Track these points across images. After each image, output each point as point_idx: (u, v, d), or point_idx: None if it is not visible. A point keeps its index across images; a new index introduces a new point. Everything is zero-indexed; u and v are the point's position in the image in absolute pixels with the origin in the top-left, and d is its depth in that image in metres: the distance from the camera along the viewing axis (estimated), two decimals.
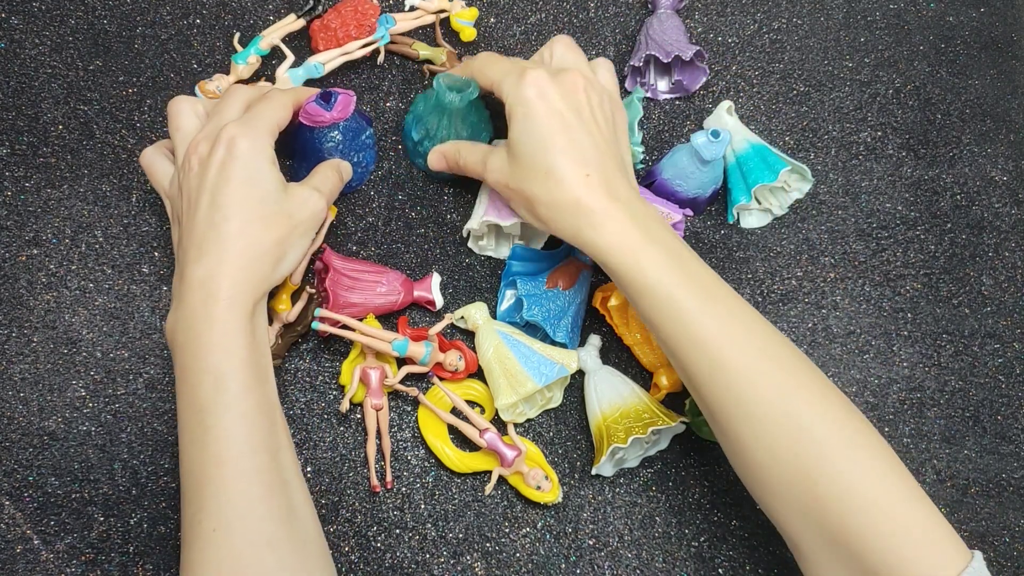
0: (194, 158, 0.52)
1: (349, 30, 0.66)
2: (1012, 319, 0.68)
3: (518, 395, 0.58)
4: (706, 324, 0.49)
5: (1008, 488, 0.64)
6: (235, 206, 0.51)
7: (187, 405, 0.49)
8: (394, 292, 0.61)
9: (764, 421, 0.47)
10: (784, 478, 0.47)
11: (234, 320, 0.49)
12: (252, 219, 0.51)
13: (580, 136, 0.53)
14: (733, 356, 0.48)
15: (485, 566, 0.59)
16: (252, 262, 0.51)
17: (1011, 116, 0.74)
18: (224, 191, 0.51)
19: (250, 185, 0.51)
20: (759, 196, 0.68)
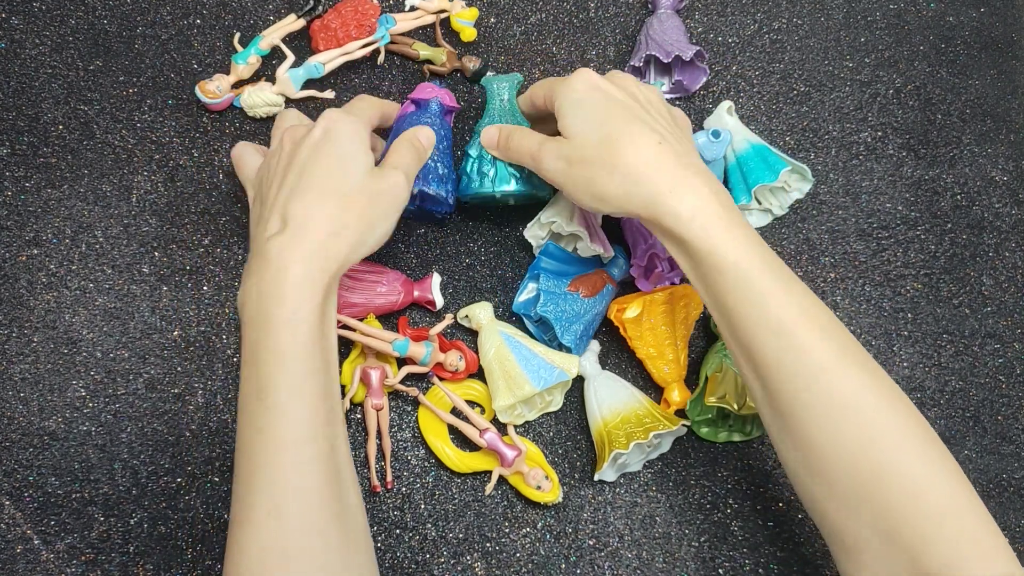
0: (287, 140, 0.53)
1: (349, 30, 0.66)
2: (1012, 319, 0.68)
3: (515, 397, 0.58)
4: (789, 310, 0.47)
5: (1008, 488, 0.64)
6: (318, 182, 0.50)
7: (249, 382, 0.48)
8: (394, 292, 0.61)
9: (840, 415, 0.46)
10: (847, 471, 0.46)
11: (304, 299, 0.48)
12: (331, 196, 0.50)
13: (642, 114, 0.52)
14: (814, 344, 0.47)
15: (485, 566, 0.59)
16: (327, 240, 0.49)
17: (1011, 116, 0.74)
18: (313, 168, 0.51)
19: (339, 164, 0.51)
20: (759, 196, 0.68)
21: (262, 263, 0.49)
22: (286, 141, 0.53)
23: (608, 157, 0.50)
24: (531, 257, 0.65)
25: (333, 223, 0.49)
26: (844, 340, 0.48)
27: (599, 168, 0.51)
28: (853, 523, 0.46)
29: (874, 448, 0.45)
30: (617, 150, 0.50)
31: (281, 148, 0.53)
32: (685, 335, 0.63)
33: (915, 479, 0.45)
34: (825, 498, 0.47)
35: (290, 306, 0.47)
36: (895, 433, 0.46)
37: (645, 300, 0.62)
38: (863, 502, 0.45)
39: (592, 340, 0.63)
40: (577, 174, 0.52)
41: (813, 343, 0.47)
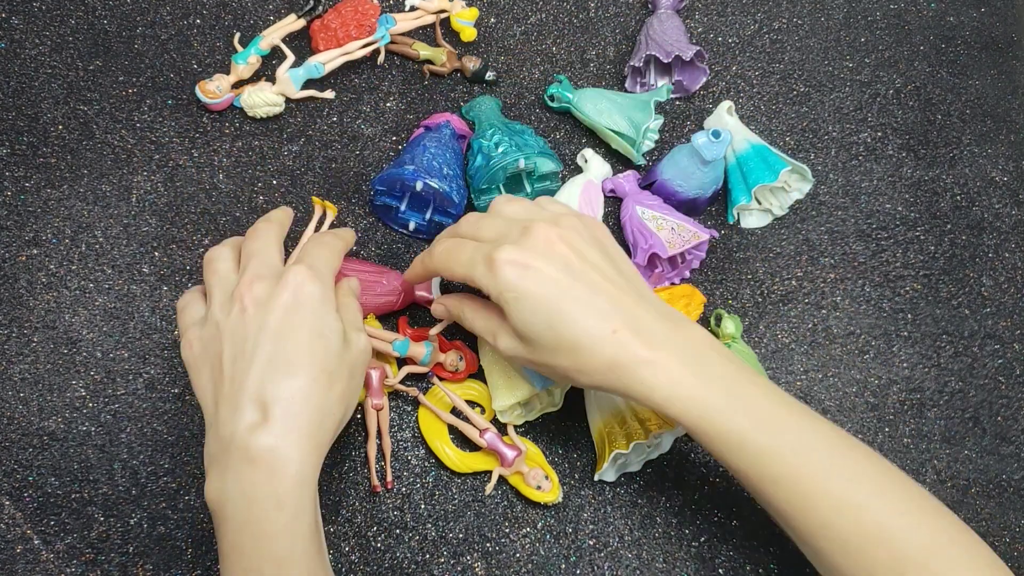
0: (248, 298, 0.47)
1: (349, 30, 0.66)
2: (1012, 320, 0.68)
3: (515, 398, 0.58)
4: (785, 460, 0.45)
5: (1008, 489, 0.64)
6: (303, 360, 0.46)
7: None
8: (394, 292, 0.61)
9: (862, 551, 0.45)
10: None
11: (303, 500, 0.44)
12: (319, 376, 0.46)
13: (584, 293, 0.46)
14: (820, 487, 0.45)
15: (485, 566, 0.59)
16: (320, 428, 0.46)
17: (1011, 116, 0.74)
18: (291, 342, 0.46)
19: (318, 336, 0.46)
20: (759, 196, 0.68)
21: (243, 459, 0.43)
22: (247, 300, 0.47)
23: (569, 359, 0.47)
24: None
25: (322, 410, 0.46)
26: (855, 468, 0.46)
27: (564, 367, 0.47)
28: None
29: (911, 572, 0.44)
30: (574, 355, 0.46)
31: (242, 308, 0.47)
32: None
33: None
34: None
35: (290, 512, 0.44)
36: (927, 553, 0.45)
37: None
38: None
39: None
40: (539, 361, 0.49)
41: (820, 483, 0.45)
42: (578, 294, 0.46)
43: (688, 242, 0.61)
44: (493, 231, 0.50)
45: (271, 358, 0.45)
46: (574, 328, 0.46)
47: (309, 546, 0.45)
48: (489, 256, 0.47)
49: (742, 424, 0.45)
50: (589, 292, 0.46)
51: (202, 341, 0.48)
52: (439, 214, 0.63)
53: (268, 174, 0.66)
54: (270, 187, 0.65)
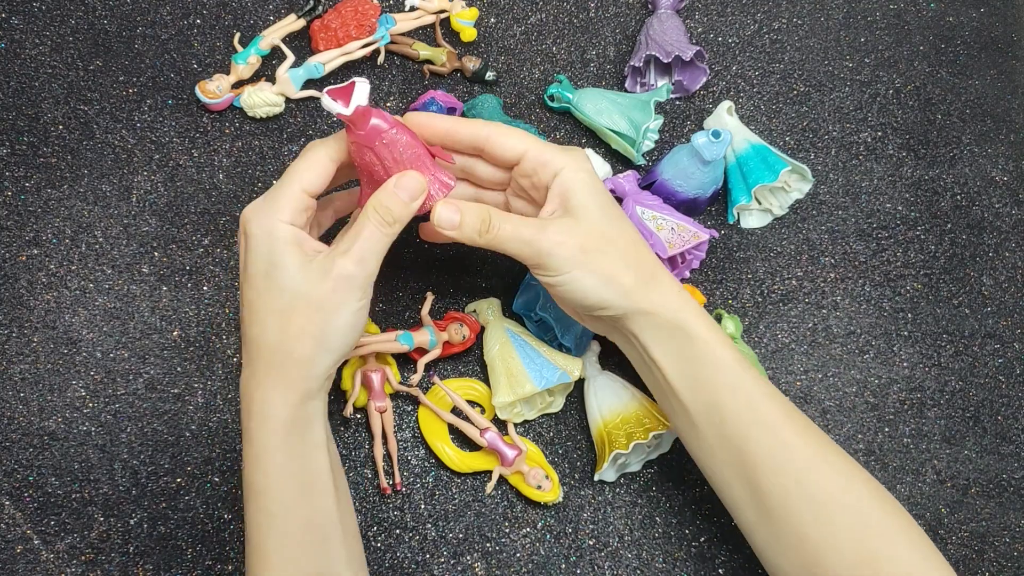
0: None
1: (349, 30, 0.66)
2: (1012, 319, 0.68)
3: (516, 395, 0.58)
4: (775, 408, 0.49)
5: (1008, 488, 0.64)
6: (255, 303, 0.47)
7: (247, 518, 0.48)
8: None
9: (827, 505, 0.47)
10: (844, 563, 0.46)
11: (267, 435, 0.46)
12: (270, 316, 0.46)
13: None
14: (800, 440, 0.48)
15: (485, 566, 0.59)
16: (278, 367, 0.47)
17: (1011, 116, 0.74)
18: (244, 287, 0.48)
19: (267, 277, 0.47)
20: (759, 196, 0.68)
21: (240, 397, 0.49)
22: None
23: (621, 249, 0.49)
24: None
25: (278, 350, 0.46)
26: (823, 437, 0.50)
27: (612, 259, 0.49)
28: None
29: (868, 539, 0.46)
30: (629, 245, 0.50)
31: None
32: None
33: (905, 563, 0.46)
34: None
35: (257, 446, 0.47)
36: (884, 523, 0.47)
37: None
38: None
39: (592, 341, 0.63)
40: (587, 261, 0.48)
41: (798, 439, 0.48)
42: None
43: (688, 242, 0.61)
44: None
45: (241, 305, 0.49)
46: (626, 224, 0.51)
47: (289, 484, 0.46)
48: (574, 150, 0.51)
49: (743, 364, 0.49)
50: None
51: None
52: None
53: (268, 174, 0.66)
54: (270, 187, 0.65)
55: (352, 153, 0.48)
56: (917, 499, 0.63)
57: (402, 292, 0.64)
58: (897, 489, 0.63)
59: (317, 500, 0.48)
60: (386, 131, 0.47)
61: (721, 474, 0.50)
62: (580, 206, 0.49)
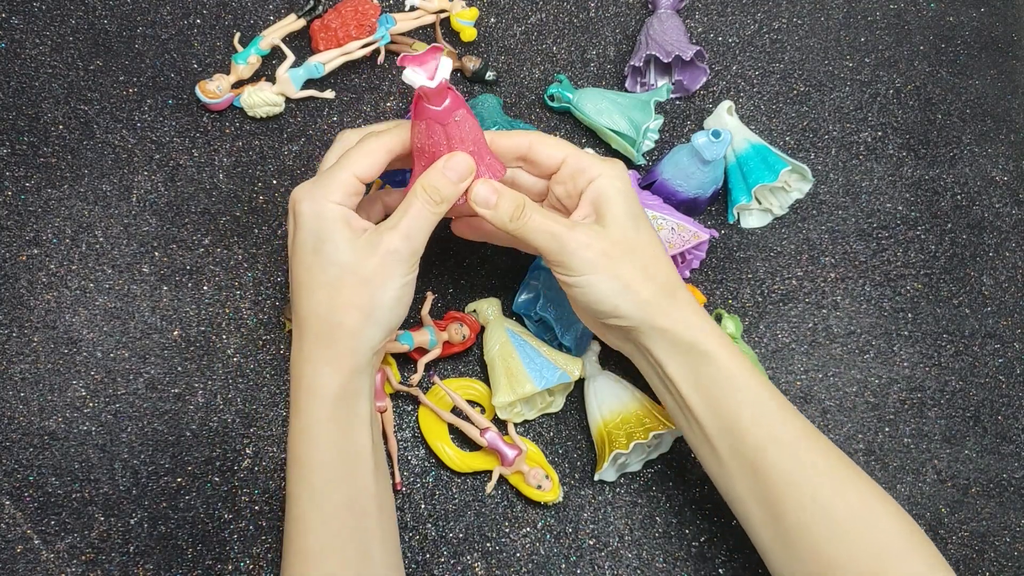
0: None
1: (349, 30, 0.66)
2: (1012, 319, 0.68)
3: (516, 395, 0.58)
4: (792, 426, 0.49)
5: (1009, 488, 0.64)
6: (303, 280, 0.48)
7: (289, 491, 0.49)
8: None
9: (844, 523, 0.47)
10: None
11: (315, 408, 0.47)
12: (319, 290, 0.48)
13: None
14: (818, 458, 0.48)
15: (485, 566, 0.59)
16: (328, 339, 0.48)
17: (1011, 116, 0.74)
18: (294, 264, 0.49)
19: (316, 253, 0.48)
20: (759, 196, 0.68)
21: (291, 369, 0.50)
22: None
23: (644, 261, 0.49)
24: (532, 257, 0.65)
25: (326, 324, 0.47)
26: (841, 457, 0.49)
27: (633, 269, 0.49)
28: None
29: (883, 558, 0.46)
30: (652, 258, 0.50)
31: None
32: None
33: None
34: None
35: (303, 419, 0.48)
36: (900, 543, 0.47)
37: None
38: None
39: (593, 341, 0.63)
40: (608, 267, 0.49)
41: (817, 458, 0.48)
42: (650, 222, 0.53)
43: (688, 242, 0.61)
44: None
45: (292, 281, 0.49)
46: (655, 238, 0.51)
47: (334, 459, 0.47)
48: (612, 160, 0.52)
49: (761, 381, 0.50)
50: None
51: None
52: None
53: (268, 174, 0.66)
54: (270, 187, 0.65)
55: (417, 132, 0.48)
56: (917, 499, 0.63)
57: None
58: (897, 489, 0.63)
59: (359, 477, 0.48)
60: (460, 108, 0.47)
61: (735, 488, 0.50)
62: (610, 214, 0.50)
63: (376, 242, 0.47)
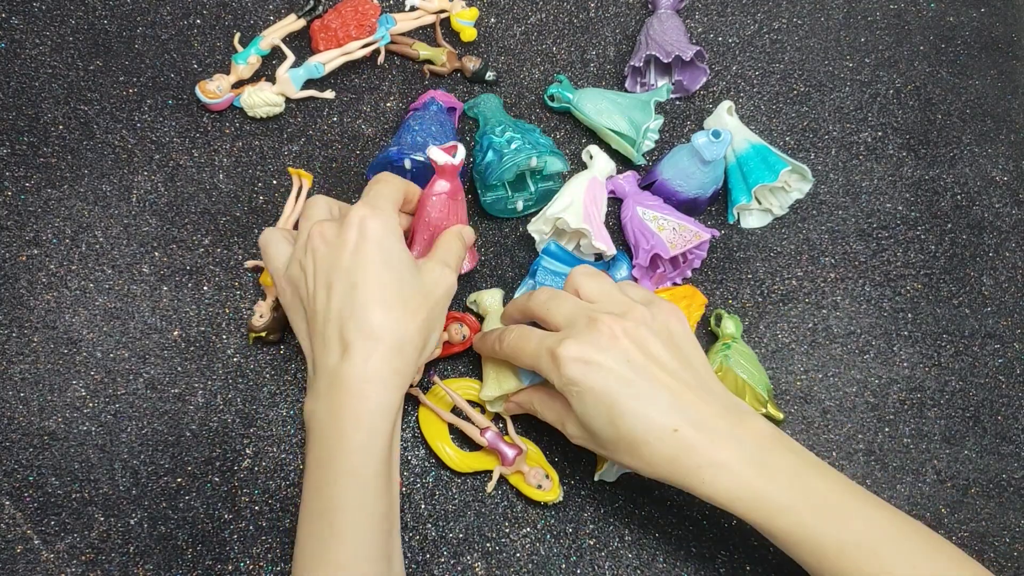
0: (318, 240, 0.50)
1: (349, 30, 0.66)
2: (1012, 319, 0.68)
3: (500, 390, 0.59)
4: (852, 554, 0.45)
5: (1008, 488, 0.64)
6: (375, 292, 0.48)
7: (314, 500, 0.48)
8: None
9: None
10: None
11: (380, 422, 0.47)
12: (394, 305, 0.48)
13: (646, 390, 0.48)
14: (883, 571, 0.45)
15: (485, 566, 0.59)
16: (399, 354, 0.48)
17: (1011, 116, 0.74)
18: (362, 275, 0.48)
19: (386, 267, 0.49)
20: (759, 196, 0.68)
21: (331, 385, 0.48)
22: (317, 242, 0.50)
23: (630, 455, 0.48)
24: (532, 257, 0.66)
25: (400, 337, 0.48)
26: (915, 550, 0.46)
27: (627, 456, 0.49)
28: None
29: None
30: (636, 451, 0.48)
31: (314, 250, 0.50)
32: None
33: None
34: None
35: (366, 432, 0.47)
36: None
37: None
38: None
39: None
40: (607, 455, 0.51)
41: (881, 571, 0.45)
42: (638, 391, 0.47)
43: (690, 242, 0.61)
44: (561, 316, 0.52)
45: (347, 293, 0.48)
46: (634, 425, 0.47)
47: (381, 468, 0.48)
48: (553, 351, 0.49)
49: (807, 520, 0.45)
50: (651, 388, 0.47)
51: (291, 284, 0.52)
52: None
53: (268, 174, 0.66)
54: (270, 187, 0.66)
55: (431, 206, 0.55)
56: (917, 499, 0.63)
57: None
58: (897, 489, 0.63)
59: (393, 487, 0.50)
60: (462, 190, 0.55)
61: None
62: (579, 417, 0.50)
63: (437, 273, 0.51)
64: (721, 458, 0.46)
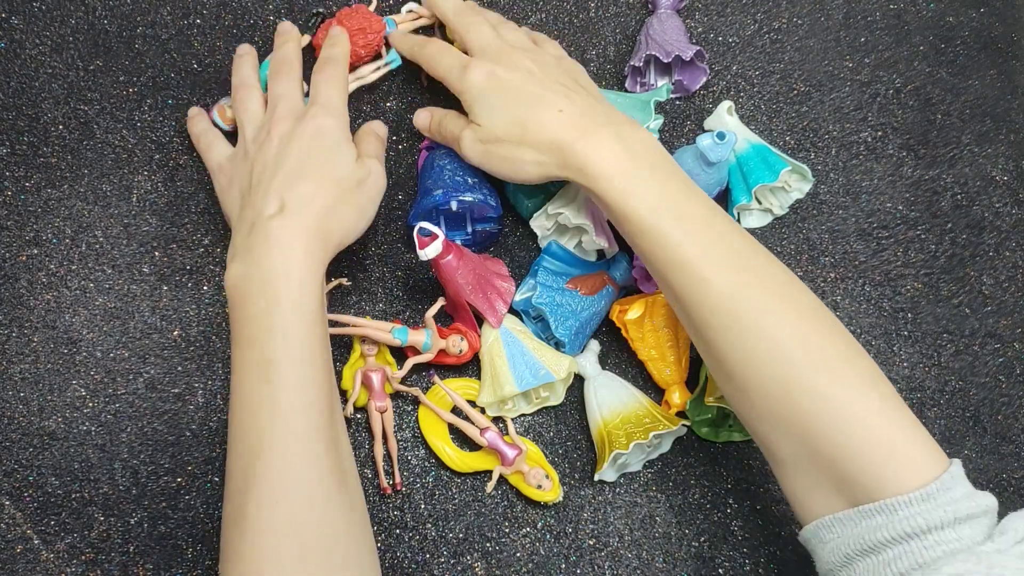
0: (275, 132, 0.56)
1: (357, 49, 0.65)
2: (1012, 319, 0.68)
3: (496, 396, 0.59)
4: (688, 248, 0.50)
5: (1009, 488, 0.64)
6: (316, 170, 0.54)
7: (248, 358, 0.49)
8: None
9: (743, 335, 0.49)
10: (762, 390, 0.48)
11: (309, 276, 0.50)
12: (327, 182, 0.53)
13: (537, 89, 0.55)
14: (713, 274, 0.49)
15: (485, 566, 0.59)
16: (325, 221, 0.52)
17: (1011, 116, 0.74)
18: (309, 158, 0.54)
19: (332, 156, 0.55)
20: (759, 196, 0.68)
21: (262, 242, 0.50)
22: (274, 133, 0.56)
23: (517, 136, 0.54)
24: (532, 257, 0.66)
25: (330, 206, 0.53)
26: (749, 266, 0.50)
27: (512, 146, 0.55)
28: (777, 438, 0.49)
29: (783, 367, 0.47)
30: (524, 130, 0.54)
31: (267, 139, 0.56)
32: (687, 337, 0.63)
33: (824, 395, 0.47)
34: (751, 417, 0.51)
35: (295, 284, 0.49)
36: (800, 350, 0.48)
37: (648, 302, 0.62)
38: (781, 420, 0.48)
39: (592, 340, 0.63)
40: (494, 153, 0.56)
41: (716, 275, 0.49)
42: (531, 88, 0.55)
43: None
44: (478, 43, 0.59)
45: (291, 169, 0.53)
46: (524, 111, 0.54)
47: (316, 326, 0.50)
48: (465, 64, 0.57)
49: (657, 209, 0.50)
50: (542, 88, 0.55)
51: (234, 169, 0.58)
52: (480, 223, 0.63)
53: None
54: None
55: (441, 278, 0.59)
56: None
57: (402, 292, 0.64)
58: None
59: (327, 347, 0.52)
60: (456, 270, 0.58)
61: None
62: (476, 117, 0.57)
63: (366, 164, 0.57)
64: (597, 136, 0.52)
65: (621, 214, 0.51)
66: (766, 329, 0.48)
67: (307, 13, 0.68)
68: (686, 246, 0.50)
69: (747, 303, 0.49)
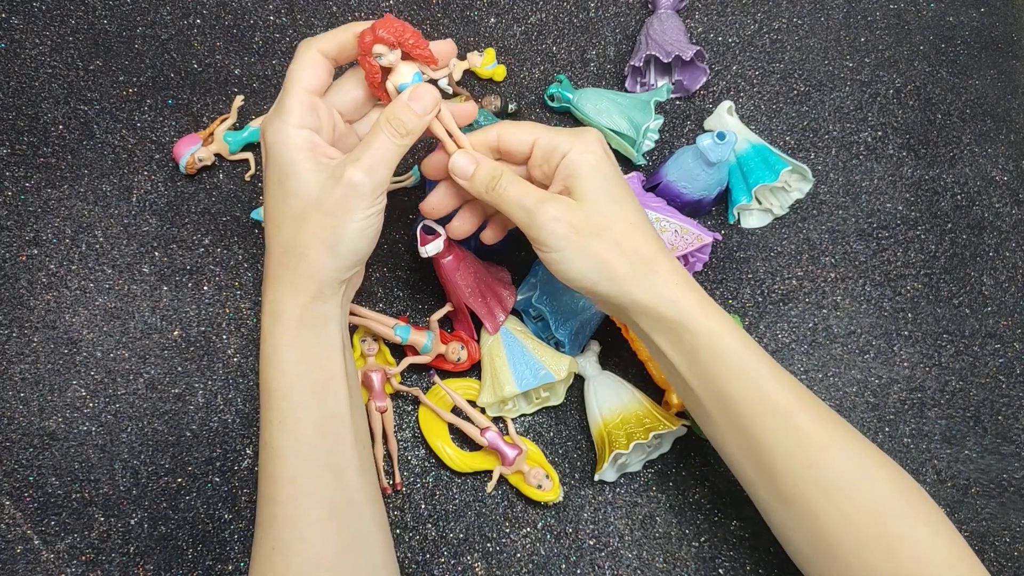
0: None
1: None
2: (1012, 319, 0.68)
3: (496, 397, 0.59)
4: (785, 394, 0.48)
5: (1009, 488, 0.64)
6: (272, 210, 0.48)
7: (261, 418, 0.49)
8: None
9: (841, 488, 0.47)
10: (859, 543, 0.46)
11: (279, 333, 0.48)
12: (285, 221, 0.48)
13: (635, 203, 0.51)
14: (812, 425, 0.48)
15: (485, 566, 0.59)
16: (291, 269, 0.48)
17: (1011, 116, 0.74)
18: (265, 196, 0.49)
19: (280, 183, 0.48)
20: (760, 196, 0.68)
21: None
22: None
23: (617, 236, 0.49)
24: (532, 257, 0.65)
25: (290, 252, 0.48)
26: (837, 420, 0.49)
27: (606, 244, 0.49)
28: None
29: (882, 520, 0.46)
30: (628, 232, 0.49)
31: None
32: None
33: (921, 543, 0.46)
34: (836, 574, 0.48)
35: (269, 345, 0.48)
36: (899, 503, 0.47)
37: None
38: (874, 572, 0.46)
39: (592, 340, 0.63)
40: (580, 243, 0.48)
41: (810, 423, 0.48)
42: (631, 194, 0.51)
43: (691, 244, 0.61)
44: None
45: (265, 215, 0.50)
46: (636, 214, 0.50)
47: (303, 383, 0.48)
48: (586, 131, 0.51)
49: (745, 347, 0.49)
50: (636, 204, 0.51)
51: None
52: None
53: None
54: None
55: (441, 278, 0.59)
56: None
57: (402, 292, 0.64)
58: None
59: (330, 402, 0.48)
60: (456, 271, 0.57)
61: (735, 456, 0.50)
62: (580, 188, 0.49)
63: (339, 175, 0.46)
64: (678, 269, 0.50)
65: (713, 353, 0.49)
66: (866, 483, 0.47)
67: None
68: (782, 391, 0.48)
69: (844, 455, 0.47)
